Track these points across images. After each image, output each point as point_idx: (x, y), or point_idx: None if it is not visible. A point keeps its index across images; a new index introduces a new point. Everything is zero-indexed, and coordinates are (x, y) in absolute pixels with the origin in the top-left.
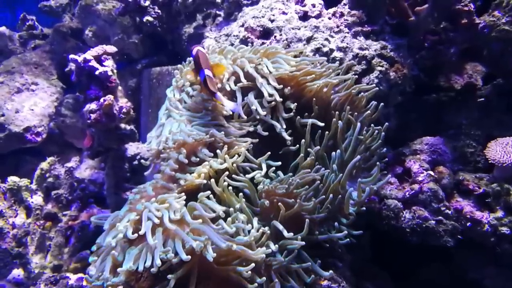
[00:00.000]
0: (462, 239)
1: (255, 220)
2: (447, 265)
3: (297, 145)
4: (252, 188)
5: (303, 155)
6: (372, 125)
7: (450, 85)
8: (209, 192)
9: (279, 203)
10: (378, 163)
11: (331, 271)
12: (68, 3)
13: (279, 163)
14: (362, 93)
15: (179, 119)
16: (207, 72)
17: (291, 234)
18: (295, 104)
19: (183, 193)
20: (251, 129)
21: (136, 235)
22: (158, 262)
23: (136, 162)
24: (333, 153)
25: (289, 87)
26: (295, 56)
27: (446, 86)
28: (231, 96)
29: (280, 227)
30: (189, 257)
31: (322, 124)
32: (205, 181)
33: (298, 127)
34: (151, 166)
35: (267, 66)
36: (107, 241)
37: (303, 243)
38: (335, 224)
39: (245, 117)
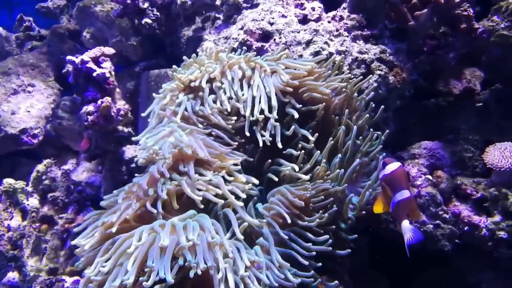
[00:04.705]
0: (460, 244)
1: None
2: (445, 270)
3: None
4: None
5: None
6: (371, 129)
7: (449, 90)
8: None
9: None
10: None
11: (336, 282)
12: (66, 4)
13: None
14: (360, 95)
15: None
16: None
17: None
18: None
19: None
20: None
21: None
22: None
23: (133, 165)
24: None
25: (288, 95)
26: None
27: (445, 91)
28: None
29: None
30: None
31: (313, 139)
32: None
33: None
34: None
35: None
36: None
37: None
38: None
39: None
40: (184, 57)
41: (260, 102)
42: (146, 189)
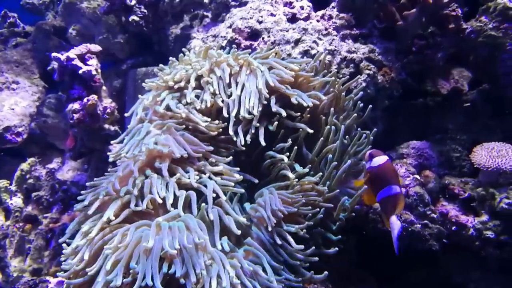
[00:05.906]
0: (448, 243)
1: None
2: (433, 269)
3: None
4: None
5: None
6: (359, 129)
7: (436, 90)
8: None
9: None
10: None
11: (326, 272)
12: (52, 0)
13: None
14: (349, 95)
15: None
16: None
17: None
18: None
19: None
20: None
21: None
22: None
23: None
24: (323, 160)
25: (274, 96)
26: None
27: (433, 91)
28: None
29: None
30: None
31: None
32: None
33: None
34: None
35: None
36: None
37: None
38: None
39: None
40: (171, 58)
41: (249, 102)
42: (118, 189)
